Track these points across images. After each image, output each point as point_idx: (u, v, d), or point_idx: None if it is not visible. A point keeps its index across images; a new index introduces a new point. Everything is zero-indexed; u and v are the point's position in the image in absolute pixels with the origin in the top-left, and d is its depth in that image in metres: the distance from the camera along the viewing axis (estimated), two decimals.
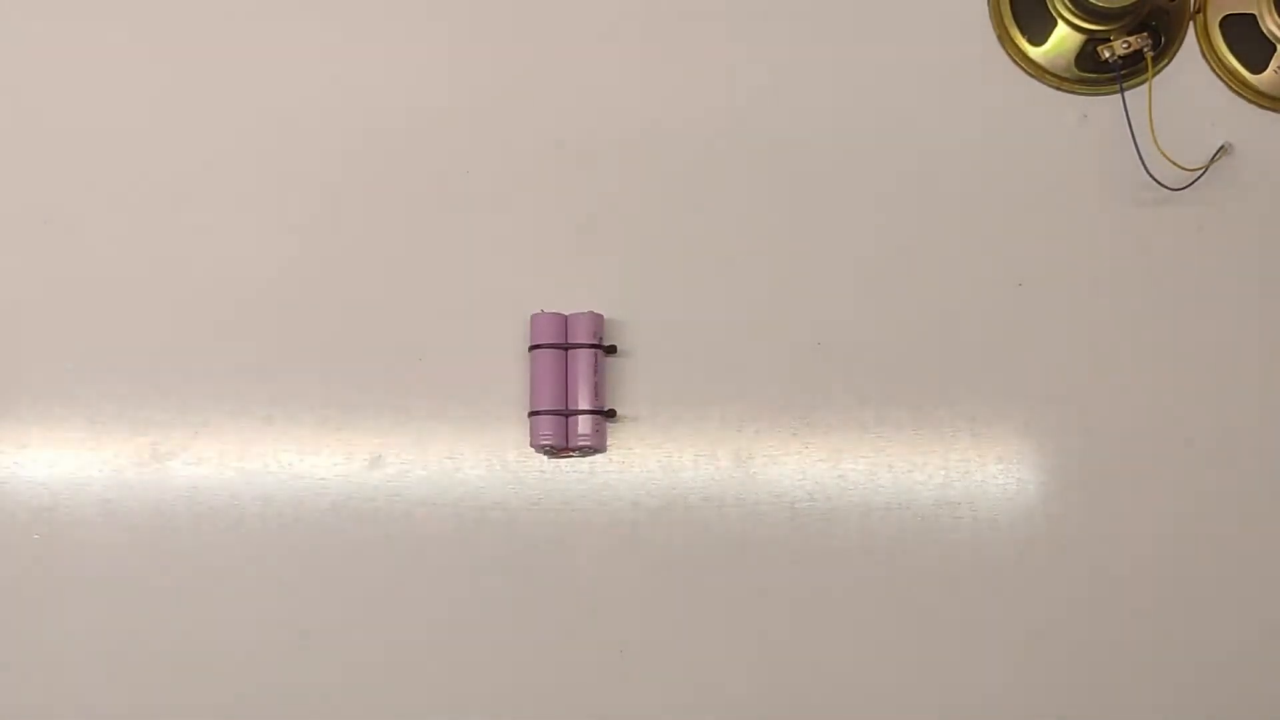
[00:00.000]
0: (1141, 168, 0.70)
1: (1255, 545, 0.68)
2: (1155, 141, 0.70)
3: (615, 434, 0.70)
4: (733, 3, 0.75)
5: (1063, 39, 0.73)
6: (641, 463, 0.70)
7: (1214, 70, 0.74)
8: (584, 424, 0.68)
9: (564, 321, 0.69)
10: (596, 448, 0.69)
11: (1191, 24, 0.74)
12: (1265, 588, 0.68)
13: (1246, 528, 0.68)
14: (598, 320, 0.69)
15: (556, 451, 0.69)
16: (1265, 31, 0.73)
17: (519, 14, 0.76)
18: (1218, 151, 0.72)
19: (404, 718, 0.68)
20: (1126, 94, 0.71)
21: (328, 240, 0.73)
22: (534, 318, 0.69)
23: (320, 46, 0.76)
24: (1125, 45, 0.71)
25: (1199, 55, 0.74)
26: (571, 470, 0.70)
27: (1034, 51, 0.74)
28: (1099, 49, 0.72)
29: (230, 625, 0.68)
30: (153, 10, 0.76)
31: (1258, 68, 0.73)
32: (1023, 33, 0.74)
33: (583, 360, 0.68)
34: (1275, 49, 0.73)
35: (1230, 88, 0.73)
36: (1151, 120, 0.71)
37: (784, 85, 0.74)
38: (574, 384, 0.68)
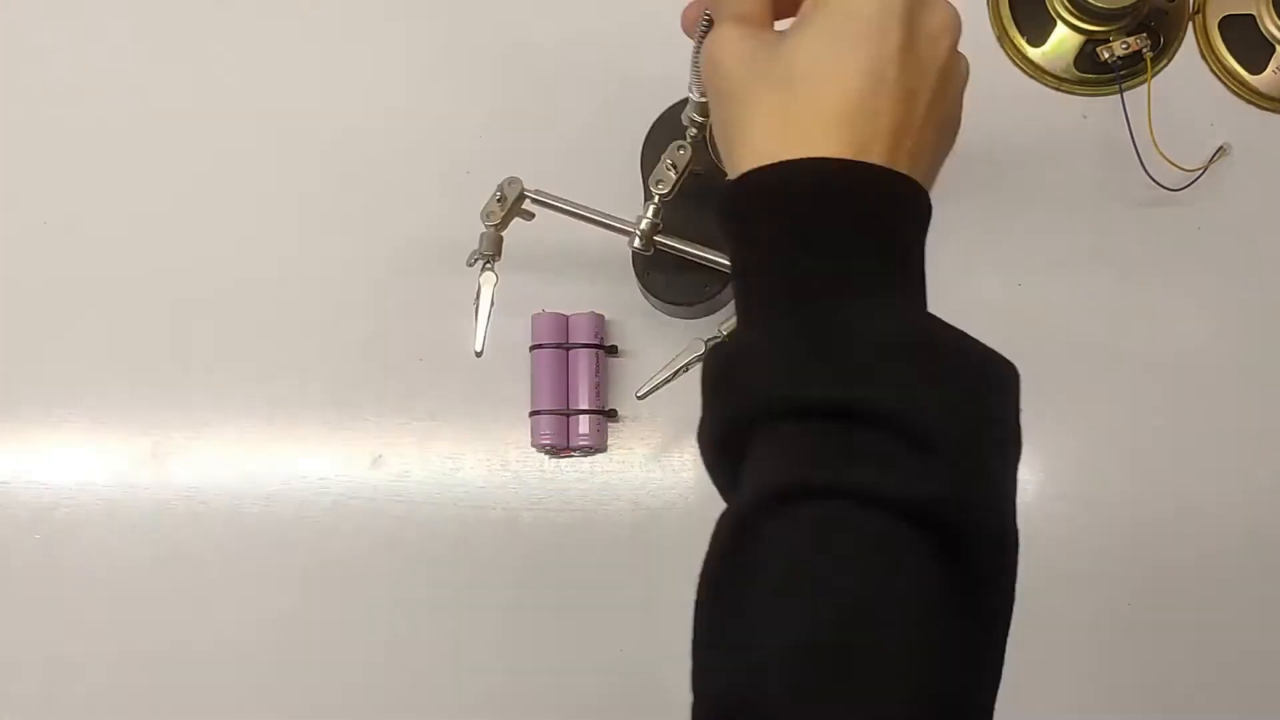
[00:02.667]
0: (1141, 168, 0.70)
1: (1255, 544, 0.68)
2: (1154, 142, 0.70)
3: (615, 434, 0.70)
4: None
5: (1062, 40, 0.74)
6: (641, 463, 0.70)
7: (1213, 71, 0.74)
8: (584, 424, 0.68)
9: (565, 321, 0.69)
10: (597, 448, 0.69)
11: (1190, 25, 0.74)
12: (1266, 587, 0.68)
13: (1246, 526, 0.68)
14: (598, 320, 0.69)
15: (557, 451, 0.69)
16: (1264, 32, 0.73)
17: (520, 15, 0.76)
18: (1217, 152, 0.72)
19: (404, 717, 0.68)
20: (1126, 95, 0.71)
21: (329, 240, 0.73)
22: (535, 317, 0.69)
23: (321, 48, 0.76)
24: (1124, 46, 0.72)
25: (1198, 56, 0.74)
26: (571, 470, 0.70)
27: (1033, 52, 0.74)
28: (1098, 50, 0.72)
29: (230, 625, 0.68)
30: (155, 11, 0.76)
31: (1257, 68, 0.73)
32: (1022, 33, 0.74)
33: (583, 360, 0.68)
34: (1274, 50, 0.73)
35: (1229, 88, 0.74)
36: (1150, 121, 0.71)
37: None
38: (574, 384, 0.68)
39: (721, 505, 0.70)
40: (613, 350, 0.69)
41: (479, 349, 0.61)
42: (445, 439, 0.70)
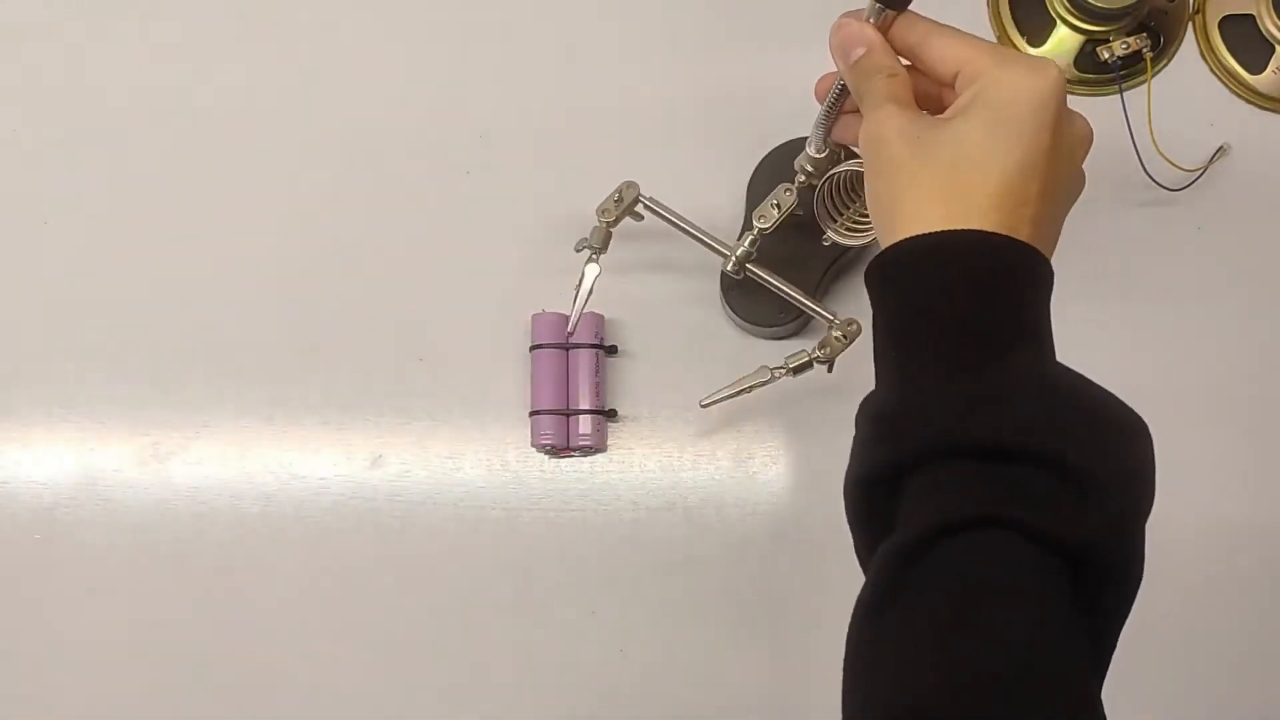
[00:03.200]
0: (1141, 168, 0.70)
1: (1254, 544, 0.68)
2: (1154, 142, 0.70)
3: (615, 434, 0.70)
4: (732, 3, 0.75)
5: (1061, 40, 0.73)
6: (641, 463, 0.70)
7: (1213, 71, 0.74)
8: (584, 424, 0.68)
9: (565, 321, 0.69)
10: (597, 447, 0.69)
11: (1190, 25, 0.74)
12: (1265, 586, 0.68)
13: (1245, 526, 0.68)
14: (598, 320, 0.69)
15: (557, 451, 0.69)
16: (1264, 32, 0.73)
17: (521, 16, 0.76)
18: (1216, 152, 0.72)
19: (404, 717, 0.68)
20: (1125, 95, 0.71)
21: (329, 241, 0.73)
22: (535, 318, 0.69)
23: (322, 48, 0.76)
24: (1124, 46, 0.72)
25: (1198, 56, 0.74)
26: (571, 470, 0.70)
27: (1033, 52, 0.74)
28: (1098, 50, 0.72)
29: (230, 624, 0.68)
30: (156, 10, 0.76)
31: (1257, 68, 0.73)
32: (1022, 33, 0.74)
33: (583, 360, 0.68)
34: (1274, 50, 0.73)
35: (1229, 88, 0.74)
36: (1150, 121, 0.71)
37: (782, 85, 0.74)
38: (575, 384, 0.68)
39: (719, 507, 0.70)
40: (612, 350, 0.70)
41: (571, 330, 0.67)
42: (445, 439, 0.70)
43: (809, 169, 0.63)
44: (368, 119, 0.74)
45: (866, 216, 0.64)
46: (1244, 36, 0.73)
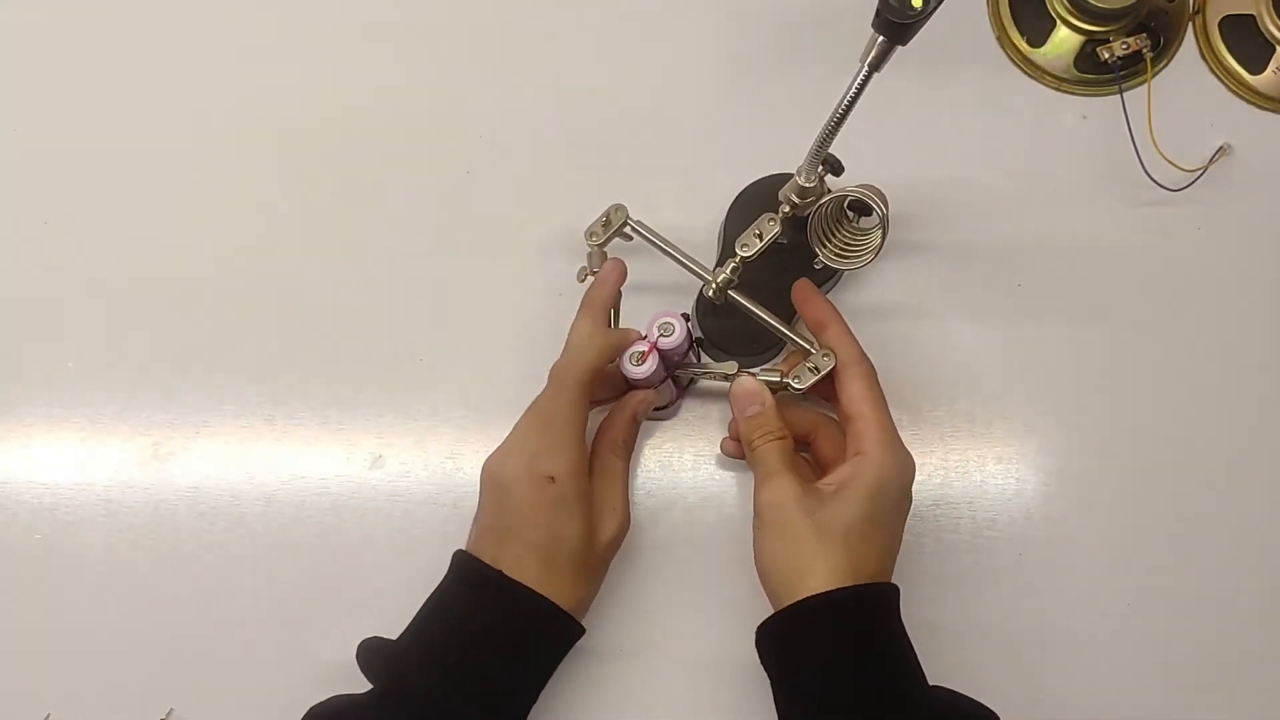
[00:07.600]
0: (1141, 168, 0.70)
1: (1254, 543, 0.68)
2: (1154, 142, 0.70)
3: None
4: (732, 3, 0.75)
5: (1062, 40, 0.74)
6: (641, 463, 0.70)
7: (1213, 71, 0.74)
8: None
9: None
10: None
11: (1190, 25, 0.74)
12: (1265, 586, 0.68)
13: (1245, 526, 0.68)
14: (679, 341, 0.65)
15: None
16: (1264, 32, 0.73)
17: (522, 17, 0.76)
18: (1216, 152, 0.72)
19: None
20: (1126, 95, 0.71)
21: (329, 241, 0.73)
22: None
23: (323, 50, 0.76)
24: (1124, 46, 0.72)
25: (1198, 56, 0.74)
26: None
27: (1033, 52, 0.74)
28: (1098, 50, 0.72)
29: (230, 625, 0.68)
30: (156, 10, 0.76)
31: (1257, 69, 0.73)
32: (1022, 34, 0.74)
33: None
34: (1274, 50, 0.73)
35: (1229, 89, 0.74)
36: (1150, 121, 0.71)
37: (781, 85, 0.74)
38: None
39: (719, 507, 0.70)
40: (700, 341, 0.69)
41: None
42: (445, 439, 0.70)
43: (795, 199, 0.63)
44: (368, 119, 0.74)
45: (854, 243, 0.65)
46: (1244, 36, 0.73)
